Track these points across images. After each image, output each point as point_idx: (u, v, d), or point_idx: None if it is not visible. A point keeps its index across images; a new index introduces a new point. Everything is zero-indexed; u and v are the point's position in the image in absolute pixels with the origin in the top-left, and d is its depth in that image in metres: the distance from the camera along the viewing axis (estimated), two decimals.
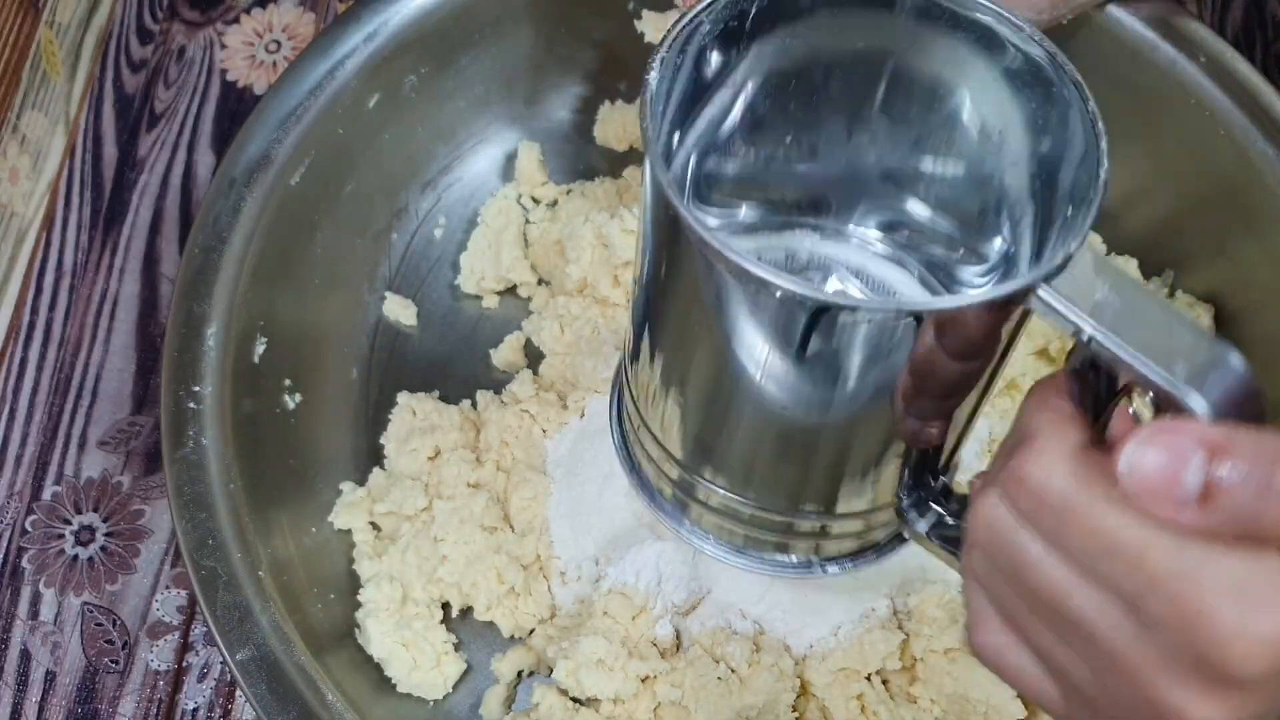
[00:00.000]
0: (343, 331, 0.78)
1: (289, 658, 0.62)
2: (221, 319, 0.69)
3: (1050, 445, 0.40)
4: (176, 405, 0.66)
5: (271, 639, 0.62)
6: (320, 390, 0.75)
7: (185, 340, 0.68)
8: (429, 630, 0.69)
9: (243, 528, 0.65)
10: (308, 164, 0.73)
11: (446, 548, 0.69)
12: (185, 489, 0.65)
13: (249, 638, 0.62)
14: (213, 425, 0.66)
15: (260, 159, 0.72)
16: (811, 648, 0.68)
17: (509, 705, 0.70)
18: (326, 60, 0.74)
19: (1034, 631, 0.43)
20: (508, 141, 0.83)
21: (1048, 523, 0.40)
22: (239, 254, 0.70)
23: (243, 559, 0.64)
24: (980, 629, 0.45)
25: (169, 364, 0.67)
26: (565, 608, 0.70)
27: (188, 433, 0.66)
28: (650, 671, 0.66)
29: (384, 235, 0.80)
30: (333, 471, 0.74)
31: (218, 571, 0.63)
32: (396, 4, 0.76)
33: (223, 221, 0.70)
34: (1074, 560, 0.40)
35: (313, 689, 0.62)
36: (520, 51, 0.81)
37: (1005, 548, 0.42)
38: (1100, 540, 0.39)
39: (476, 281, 0.80)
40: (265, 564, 0.65)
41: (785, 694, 0.66)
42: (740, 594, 0.68)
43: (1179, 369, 0.40)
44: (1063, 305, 0.41)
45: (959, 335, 0.43)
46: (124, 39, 0.93)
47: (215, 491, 0.65)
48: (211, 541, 0.64)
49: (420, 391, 0.76)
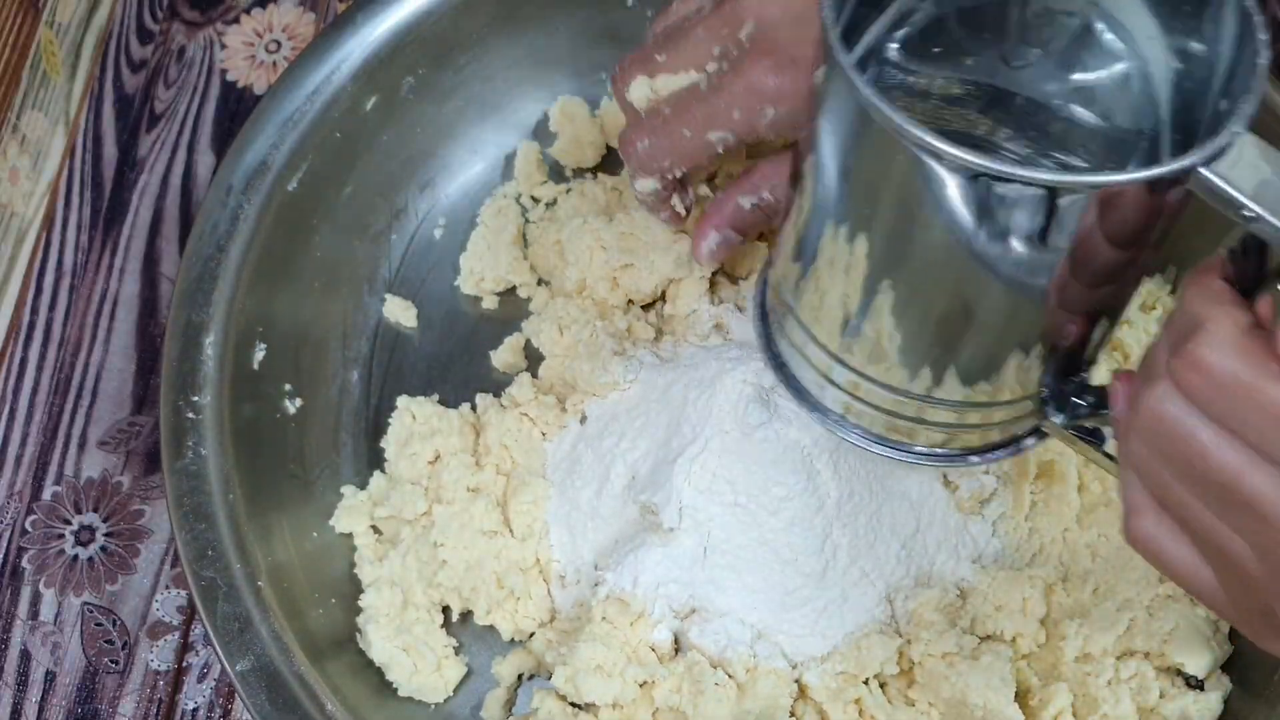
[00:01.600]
0: (342, 334, 0.78)
1: (289, 667, 0.62)
2: (220, 327, 0.69)
3: (1221, 328, 0.41)
4: (176, 415, 0.67)
5: (271, 649, 0.63)
6: (320, 394, 0.75)
7: (184, 349, 0.68)
8: (430, 634, 0.70)
9: (242, 537, 0.65)
10: (306, 168, 0.74)
11: (446, 552, 0.70)
12: (185, 500, 0.65)
13: (249, 648, 0.62)
14: (212, 435, 0.67)
15: (258, 165, 0.72)
16: (809, 653, 0.68)
17: (509, 708, 0.70)
18: (323, 64, 0.74)
19: (1198, 517, 0.44)
20: (507, 141, 0.83)
21: (1222, 405, 0.41)
22: (237, 261, 0.70)
23: (242, 569, 0.64)
24: (1138, 519, 0.47)
25: (168, 374, 0.67)
26: (565, 611, 0.71)
27: (187, 443, 0.66)
28: (649, 677, 0.66)
29: (383, 237, 0.80)
30: (334, 476, 0.74)
31: (217, 582, 0.63)
32: (393, 6, 0.76)
33: (221, 229, 0.71)
34: (1250, 440, 0.41)
35: (312, 698, 0.62)
36: (518, 50, 0.81)
37: (1176, 436, 0.43)
38: (1278, 416, 0.40)
39: (476, 283, 0.80)
40: (265, 572, 0.65)
41: (783, 699, 0.66)
42: (738, 600, 0.68)
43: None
44: (1226, 185, 0.42)
45: (1119, 216, 0.44)
46: (124, 39, 0.93)
47: (215, 502, 0.65)
48: (211, 552, 0.64)
49: (421, 394, 0.76)
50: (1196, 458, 0.43)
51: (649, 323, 0.77)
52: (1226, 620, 0.52)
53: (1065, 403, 0.54)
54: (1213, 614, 0.64)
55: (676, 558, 0.68)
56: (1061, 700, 0.65)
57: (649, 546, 0.68)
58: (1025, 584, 0.69)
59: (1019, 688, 0.66)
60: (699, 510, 0.68)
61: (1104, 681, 0.66)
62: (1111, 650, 0.66)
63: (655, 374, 0.72)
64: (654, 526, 0.69)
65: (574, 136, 0.82)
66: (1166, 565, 0.47)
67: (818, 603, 0.68)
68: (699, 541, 0.68)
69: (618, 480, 0.70)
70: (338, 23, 0.75)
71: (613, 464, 0.70)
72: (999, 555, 0.71)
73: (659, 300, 0.78)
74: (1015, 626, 0.68)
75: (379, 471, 0.75)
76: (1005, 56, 0.54)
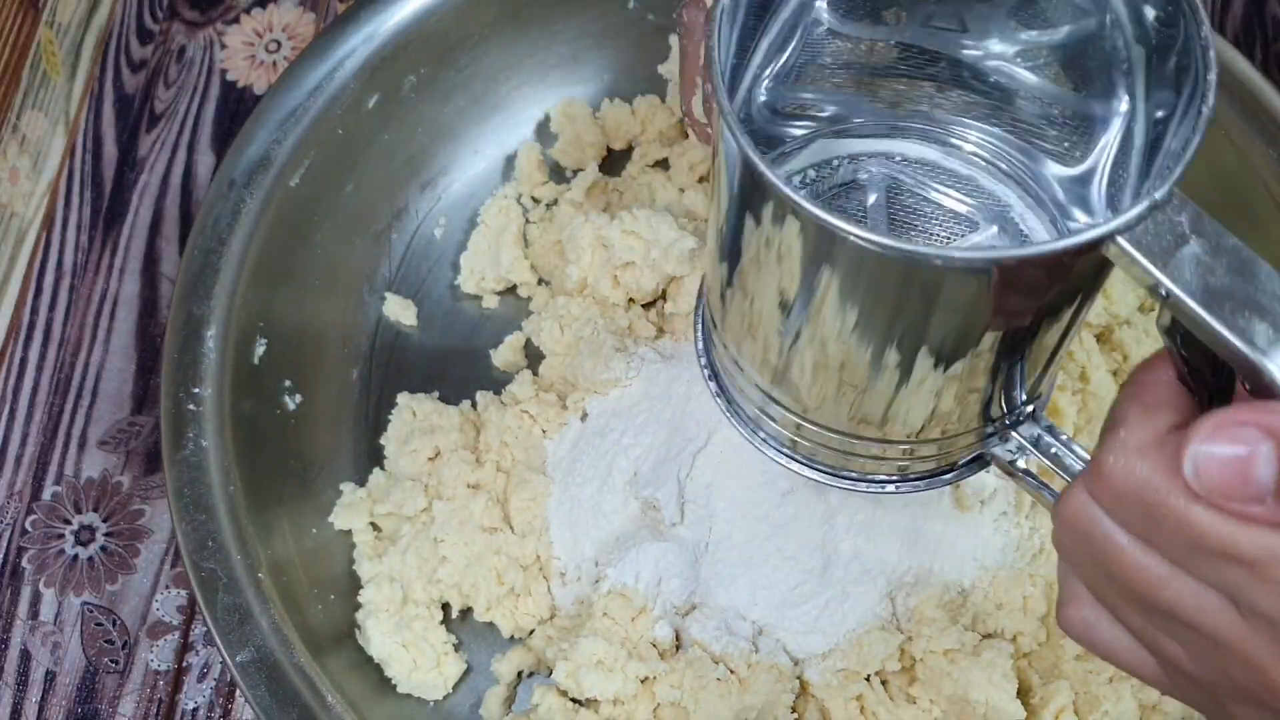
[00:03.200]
0: (343, 332, 0.78)
1: (289, 659, 0.62)
2: (221, 321, 0.69)
3: (1133, 435, 0.38)
4: (176, 407, 0.67)
5: (271, 640, 0.63)
6: (320, 391, 0.75)
7: (185, 342, 0.68)
8: (429, 631, 0.70)
9: (242, 529, 0.65)
10: (307, 165, 0.74)
11: (446, 549, 0.70)
12: (185, 491, 0.65)
13: (249, 639, 0.62)
14: (212, 427, 0.67)
15: (260, 160, 0.72)
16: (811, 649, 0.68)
17: (509, 705, 0.70)
18: (326, 61, 0.74)
19: (1129, 619, 0.42)
20: (507, 141, 0.83)
21: (1133, 516, 0.39)
22: (239, 256, 0.70)
23: (243, 561, 0.64)
24: (1070, 608, 0.44)
25: (169, 366, 0.67)
26: (565, 608, 0.71)
27: (188, 435, 0.66)
28: (650, 672, 0.66)
29: (384, 235, 0.80)
30: (333, 472, 0.74)
31: (218, 573, 0.63)
32: (395, 4, 0.76)
33: (222, 224, 0.71)
34: (1164, 553, 0.38)
35: (313, 690, 0.62)
36: (520, 51, 0.81)
37: (1093, 539, 0.40)
38: (1187, 534, 0.37)
39: (476, 282, 0.80)
40: (265, 565, 0.65)
41: (784, 695, 0.66)
42: (739, 595, 0.68)
43: (1261, 333, 0.37)
44: (1141, 256, 0.38)
45: (1035, 279, 0.41)
46: (124, 39, 0.93)
47: (215, 493, 0.65)
48: (211, 543, 0.64)
49: (421, 392, 0.76)
50: (1114, 564, 0.40)
51: (650, 321, 0.77)
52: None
53: (1007, 437, 0.51)
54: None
55: (678, 554, 0.68)
56: (1063, 698, 0.66)
57: (650, 542, 0.68)
58: (1026, 582, 0.69)
59: (1020, 686, 0.66)
60: (701, 506, 0.68)
61: (1105, 679, 0.66)
62: None
63: (657, 371, 0.72)
64: (655, 523, 0.69)
65: (575, 137, 0.83)
66: (1106, 654, 0.44)
67: (819, 599, 0.68)
68: (700, 538, 0.68)
69: (619, 476, 0.70)
70: (340, 20, 0.75)
71: (614, 460, 0.70)
72: (1000, 553, 0.71)
73: (660, 299, 0.78)
74: (1016, 625, 0.68)
75: (378, 468, 0.75)
76: (948, 15, 0.50)
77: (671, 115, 0.83)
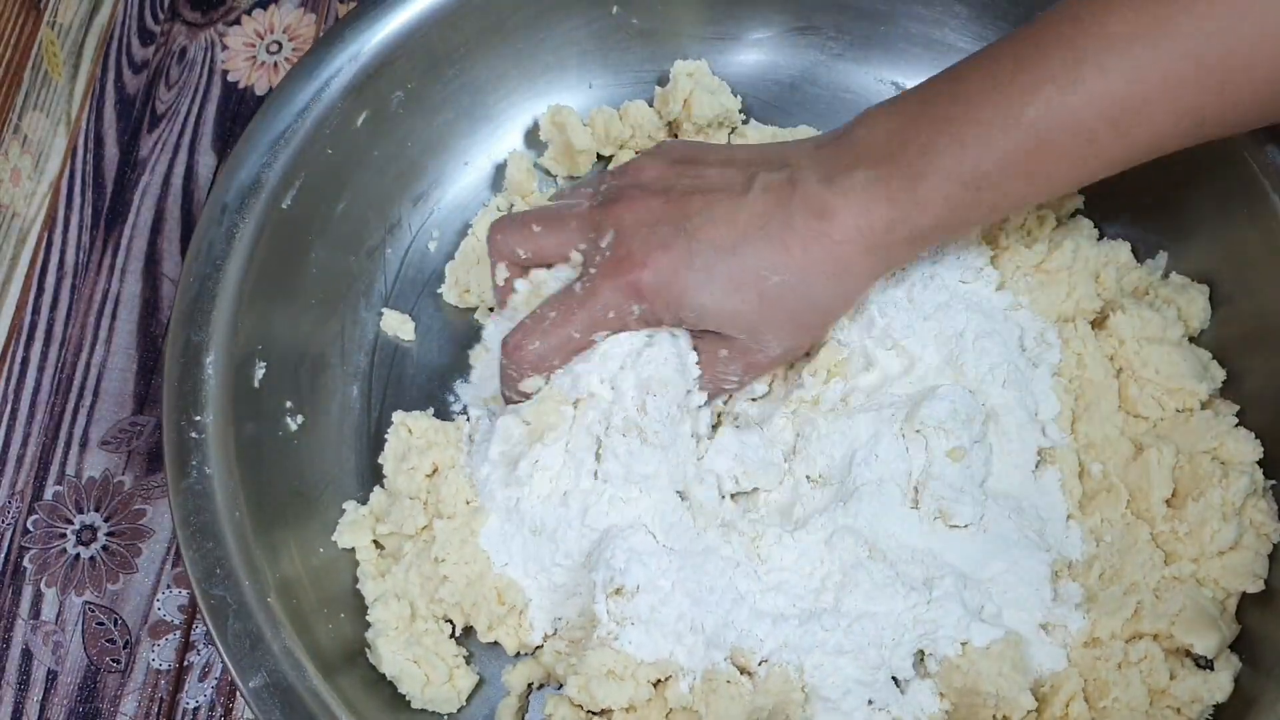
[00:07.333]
0: (341, 350, 0.78)
1: (302, 683, 0.62)
2: (220, 346, 0.69)
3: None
4: (179, 435, 0.66)
5: (284, 665, 0.62)
6: (322, 410, 0.75)
7: (185, 369, 0.68)
8: (439, 645, 0.69)
9: (250, 554, 0.65)
10: (299, 186, 0.73)
11: (447, 568, 0.69)
12: (192, 519, 0.65)
13: (261, 664, 0.62)
14: (216, 453, 0.66)
15: (251, 184, 0.72)
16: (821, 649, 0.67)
17: (521, 716, 0.70)
18: (313, 81, 0.74)
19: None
20: (497, 152, 0.83)
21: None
22: (235, 280, 0.70)
23: (252, 586, 0.64)
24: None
25: (169, 394, 0.67)
26: (571, 620, 0.70)
27: (192, 462, 0.66)
28: (661, 674, 0.66)
29: (378, 251, 0.80)
30: (338, 491, 0.74)
31: (227, 600, 0.63)
32: (380, 21, 0.76)
33: (216, 248, 0.70)
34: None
35: (327, 713, 0.62)
36: (506, 61, 0.81)
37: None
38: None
39: (460, 293, 0.80)
40: (274, 588, 0.65)
41: (796, 695, 0.66)
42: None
43: None
44: None
45: None
46: (125, 40, 0.93)
47: (222, 520, 0.65)
48: (220, 570, 0.64)
49: (421, 407, 0.76)
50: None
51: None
52: None
53: None
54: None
55: (680, 557, 0.68)
56: (1072, 685, 0.65)
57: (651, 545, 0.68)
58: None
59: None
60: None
61: (1114, 665, 0.66)
62: (1120, 634, 0.67)
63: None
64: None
65: (564, 144, 0.82)
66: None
67: (833, 617, 0.67)
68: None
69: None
70: (326, 39, 0.75)
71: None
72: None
73: None
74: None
75: (380, 486, 0.74)
76: None
77: (660, 120, 0.83)
